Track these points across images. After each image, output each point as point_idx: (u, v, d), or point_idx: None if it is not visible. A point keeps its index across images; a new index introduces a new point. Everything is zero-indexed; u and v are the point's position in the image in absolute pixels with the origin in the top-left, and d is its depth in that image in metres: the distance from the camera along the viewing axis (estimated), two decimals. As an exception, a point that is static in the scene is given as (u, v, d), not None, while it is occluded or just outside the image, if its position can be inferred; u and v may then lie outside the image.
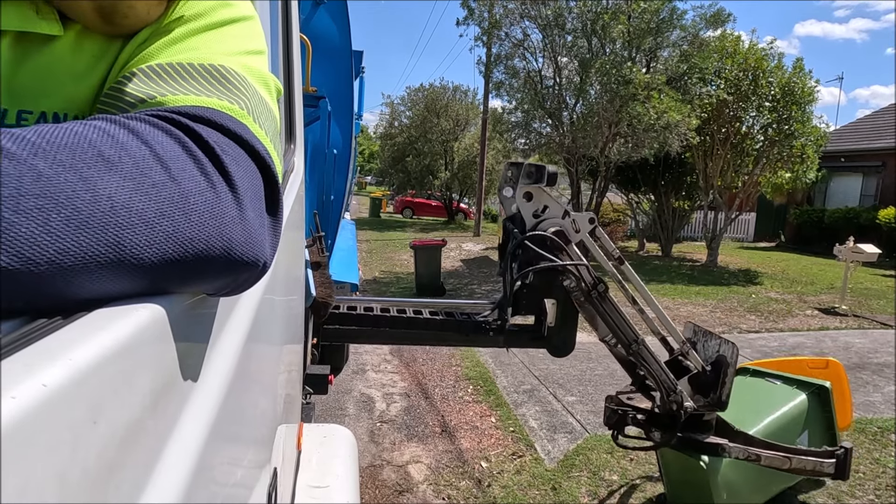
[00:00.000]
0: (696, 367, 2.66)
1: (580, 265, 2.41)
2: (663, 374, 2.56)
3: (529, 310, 2.53)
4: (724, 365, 2.63)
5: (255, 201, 0.46)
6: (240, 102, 0.50)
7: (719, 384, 2.62)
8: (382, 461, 4.01)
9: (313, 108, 3.36)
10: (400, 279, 11.17)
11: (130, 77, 0.50)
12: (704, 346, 2.76)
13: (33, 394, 0.24)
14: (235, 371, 0.54)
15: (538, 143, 12.79)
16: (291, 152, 1.34)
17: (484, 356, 6.31)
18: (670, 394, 2.55)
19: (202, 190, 0.41)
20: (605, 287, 2.46)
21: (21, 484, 0.22)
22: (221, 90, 0.50)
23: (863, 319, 8.38)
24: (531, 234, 2.36)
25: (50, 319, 0.32)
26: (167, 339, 0.39)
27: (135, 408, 0.33)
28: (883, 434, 4.46)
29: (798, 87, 11.52)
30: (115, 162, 0.37)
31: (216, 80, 0.51)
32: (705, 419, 2.70)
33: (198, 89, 0.49)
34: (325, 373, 2.45)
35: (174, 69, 0.51)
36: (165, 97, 0.48)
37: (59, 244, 0.32)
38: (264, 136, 0.51)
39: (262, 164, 0.48)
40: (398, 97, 33.45)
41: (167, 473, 0.37)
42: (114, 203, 0.36)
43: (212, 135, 0.44)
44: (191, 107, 0.46)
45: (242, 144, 0.47)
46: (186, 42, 0.55)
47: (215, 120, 0.46)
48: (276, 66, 1.13)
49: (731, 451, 2.65)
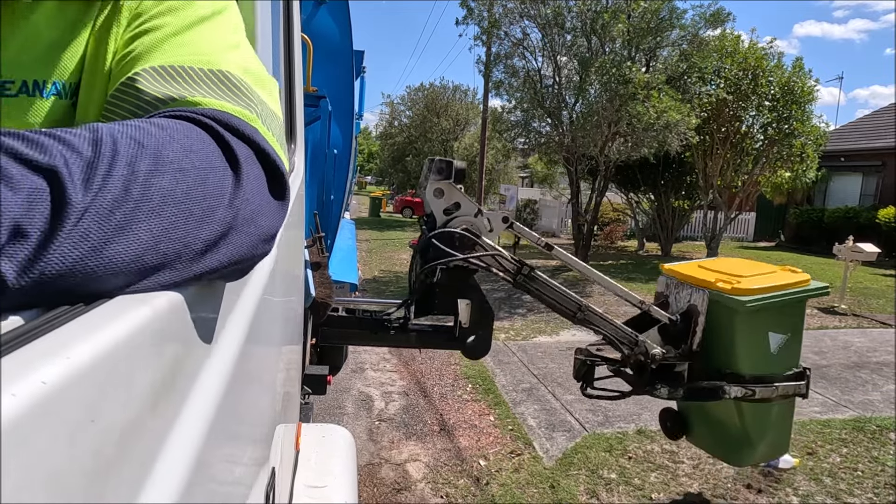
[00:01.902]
0: (663, 319, 2.64)
1: (497, 255, 2.37)
2: (619, 331, 2.55)
3: (443, 310, 2.46)
4: (694, 314, 2.61)
5: (264, 201, 0.52)
6: (251, 108, 0.54)
7: (690, 333, 2.59)
8: (381, 459, 4.01)
9: (314, 108, 3.36)
10: (399, 279, 11.17)
11: (144, 76, 0.53)
12: (676, 298, 2.73)
13: (32, 391, 0.24)
14: (234, 370, 0.54)
15: (538, 142, 12.78)
16: (292, 152, 1.34)
17: (483, 355, 6.32)
18: (633, 347, 2.54)
19: (229, 182, 0.46)
20: (529, 269, 2.42)
21: (20, 482, 0.23)
22: (231, 95, 0.54)
23: (862, 318, 8.38)
24: (438, 231, 2.32)
25: (50, 318, 0.32)
26: (166, 338, 0.40)
27: (133, 406, 0.33)
28: (882, 433, 4.47)
29: (798, 86, 11.52)
30: (189, 167, 0.42)
31: (225, 85, 0.54)
32: (677, 370, 2.66)
33: (215, 93, 0.53)
34: (324, 373, 2.45)
35: (185, 71, 0.53)
36: (195, 99, 0.51)
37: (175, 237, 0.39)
38: (272, 138, 0.55)
39: (272, 165, 0.52)
40: (398, 97, 33.45)
41: (165, 472, 0.37)
42: (193, 197, 0.41)
43: (231, 138, 0.48)
44: (217, 111, 0.50)
45: (253, 146, 0.51)
46: (183, 36, 0.57)
47: (233, 124, 0.49)
48: (276, 65, 1.13)
49: (730, 392, 2.61)
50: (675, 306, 2.74)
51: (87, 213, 0.34)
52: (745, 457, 2.96)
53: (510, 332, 7.39)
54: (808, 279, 2.76)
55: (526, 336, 7.20)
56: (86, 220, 0.34)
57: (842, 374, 5.86)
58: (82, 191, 0.34)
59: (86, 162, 0.35)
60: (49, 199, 0.32)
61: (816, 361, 6.29)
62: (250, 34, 0.83)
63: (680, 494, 3.62)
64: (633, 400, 5.04)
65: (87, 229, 0.34)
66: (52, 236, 0.32)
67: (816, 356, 6.48)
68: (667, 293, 2.81)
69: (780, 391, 2.68)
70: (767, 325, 2.66)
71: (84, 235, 0.34)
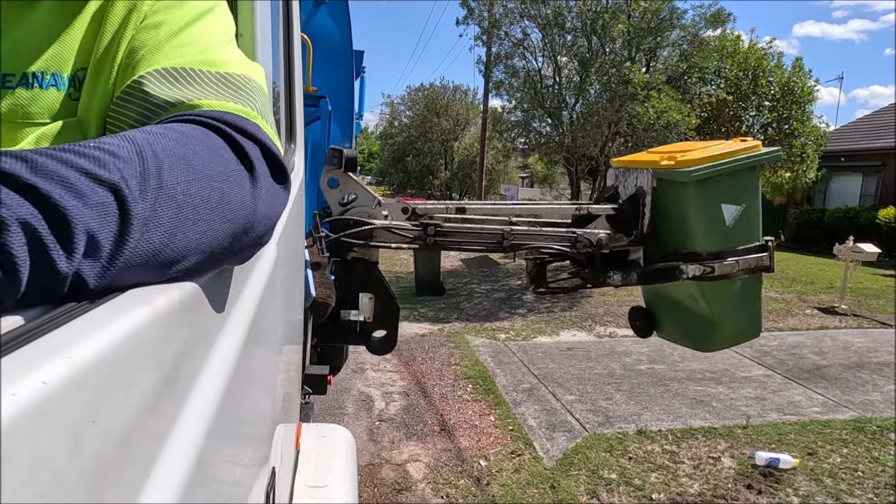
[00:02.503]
0: (605, 212, 2.56)
1: (391, 227, 2.28)
2: (553, 235, 2.47)
3: (352, 304, 2.40)
4: (640, 196, 2.52)
5: (270, 191, 0.56)
6: (250, 104, 0.57)
7: (639, 217, 2.51)
8: (381, 460, 4.01)
9: (314, 108, 3.36)
10: (400, 278, 11.18)
11: (150, 79, 0.56)
12: (625, 186, 2.64)
13: (33, 392, 0.24)
14: (234, 370, 0.54)
15: (538, 142, 12.78)
16: (292, 152, 1.34)
17: (483, 355, 6.32)
18: (575, 243, 2.48)
19: (246, 181, 0.50)
20: (434, 226, 2.33)
21: (20, 482, 0.22)
22: (232, 93, 0.57)
23: (862, 319, 8.38)
24: (330, 219, 2.26)
25: (50, 317, 0.32)
26: (167, 338, 0.40)
27: (134, 407, 0.33)
28: (882, 433, 4.47)
29: (798, 86, 11.52)
30: (205, 164, 0.46)
31: (226, 84, 0.58)
32: (632, 257, 2.58)
33: (218, 94, 0.56)
34: (325, 373, 2.45)
35: (188, 73, 0.56)
36: (201, 101, 0.55)
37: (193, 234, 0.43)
38: (272, 131, 0.58)
39: (274, 158, 0.56)
40: (398, 97, 33.45)
41: (166, 472, 0.37)
42: (214, 196, 0.46)
43: (241, 140, 0.52)
44: (223, 112, 0.54)
45: (258, 144, 0.54)
46: (182, 36, 0.60)
47: (240, 125, 0.53)
48: (276, 65, 1.13)
49: (687, 272, 2.51)
50: (624, 195, 2.63)
51: (147, 222, 0.38)
52: (713, 341, 2.81)
53: (510, 332, 7.39)
54: (759, 145, 2.61)
55: (526, 336, 7.20)
56: (147, 229, 0.39)
57: (842, 375, 5.86)
58: (140, 202, 0.38)
59: (138, 174, 0.39)
60: (116, 210, 0.36)
61: (817, 361, 6.29)
62: (250, 34, 0.83)
63: (680, 495, 3.62)
64: (633, 400, 5.07)
65: (149, 237, 0.39)
66: (121, 244, 0.37)
67: (817, 356, 6.48)
68: (616, 184, 2.70)
69: (741, 266, 2.53)
70: (719, 195, 2.52)
71: (147, 242, 0.39)
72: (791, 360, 6.31)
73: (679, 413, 4.83)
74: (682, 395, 5.24)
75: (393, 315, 2.44)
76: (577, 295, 9.52)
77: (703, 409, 4.90)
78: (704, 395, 5.23)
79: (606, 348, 6.73)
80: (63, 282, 0.33)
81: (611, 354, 6.48)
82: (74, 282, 0.34)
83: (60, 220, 0.32)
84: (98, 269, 0.35)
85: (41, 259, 0.32)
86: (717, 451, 4.16)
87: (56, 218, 0.32)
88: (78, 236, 0.33)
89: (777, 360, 6.33)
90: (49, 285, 0.33)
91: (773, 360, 6.29)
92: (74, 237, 0.33)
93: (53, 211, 0.32)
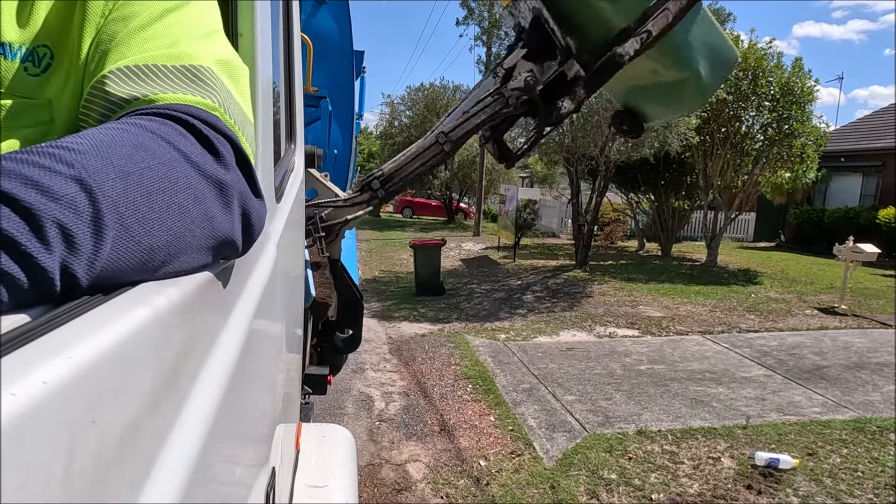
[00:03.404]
0: (519, 55, 2.50)
1: (347, 202, 2.34)
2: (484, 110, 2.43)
3: None
4: (538, 16, 2.42)
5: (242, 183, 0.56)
6: (212, 96, 0.56)
7: (550, 34, 2.43)
8: (381, 460, 4.01)
9: (314, 108, 3.37)
10: (400, 279, 11.18)
11: (112, 78, 0.54)
12: (523, 17, 2.54)
13: (33, 391, 0.24)
14: (234, 370, 0.54)
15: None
16: (292, 152, 1.34)
17: (483, 355, 6.32)
18: (507, 101, 2.41)
19: (217, 171, 0.50)
20: (377, 181, 2.39)
21: (20, 482, 0.22)
22: (195, 87, 0.56)
23: (862, 319, 8.38)
24: None
25: (50, 317, 0.32)
26: (167, 338, 0.40)
27: (134, 407, 0.33)
28: (882, 433, 4.47)
29: (797, 86, 11.51)
30: (163, 158, 0.45)
31: (189, 78, 0.56)
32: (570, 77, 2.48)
33: (178, 87, 0.54)
34: (324, 373, 2.45)
35: (151, 70, 0.55)
36: (157, 95, 0.53)
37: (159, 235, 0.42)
38: (233, 123, 0.57)
39: (236, 147, 0.55)
40: (398, 97, 33.39)
41: (166, 472, 0.37)
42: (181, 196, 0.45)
43: (203, 126, 0.52)
44: (181, 104, 0.53)
45: (219, 132, 0.54)
46: (152, 28, 0.58)
47: (196, 114, 0.52)
48: (276, 65, 1.13)
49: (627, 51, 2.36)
50: (527, 25, 2.53)
51: (121, 212, 0.39)
52: (699, 91, 2.69)
53: (510, 332, 7.39)
54: None
55: (526, 336, 7.20)
56: (122, 218, 0.39)
57: (842, 375, 5.85)
58: (109, 193, 0.39)
59: (100, 166, 0.39)
60: (86, 202, 0.37)
61: (817, 362, 6.29)
62: (250, 34, 0.83)
63: (680, 495, 3.62)
64: (633, 400, 5.07)
65: (127, 226, 0.39)
66: (100, 235, 0.37)
67: (817, 356, 6.48)
68: (516, 21, 2.61)
69: (672, 9, 2.38)
70: None
71: (126, 231, 0.39)
72: (791, 361, 6.31)
73: (679, 413, 4.83)
74: (682, 395, 5.24)
75: (357, 313, 2.42)
76: (577, 295, 9.53)
77: (702, 410, 4.90)
78: (704, 396, 5.23)
79: (606, 348, 6.73)
80: (51, 276, 0.33)
81: (611, 354, 6.48)
82: (65, 278, 0.34)
83: (25, 214, 0.33)
84: (85, 262, 0.36)
85: (17, 253, 0.32)
86: (717, 452, 4.16)
87: (21, 212, 0.33)
88: (48, 227, 0.33)
89: (777, 360, 6.33)
90: (37, 279, 0.33)
91: (773, 361, 6.29)
92: (44, 228, 0.33)
93: (15, 206, 0.32)
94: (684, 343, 7.00)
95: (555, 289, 10.07)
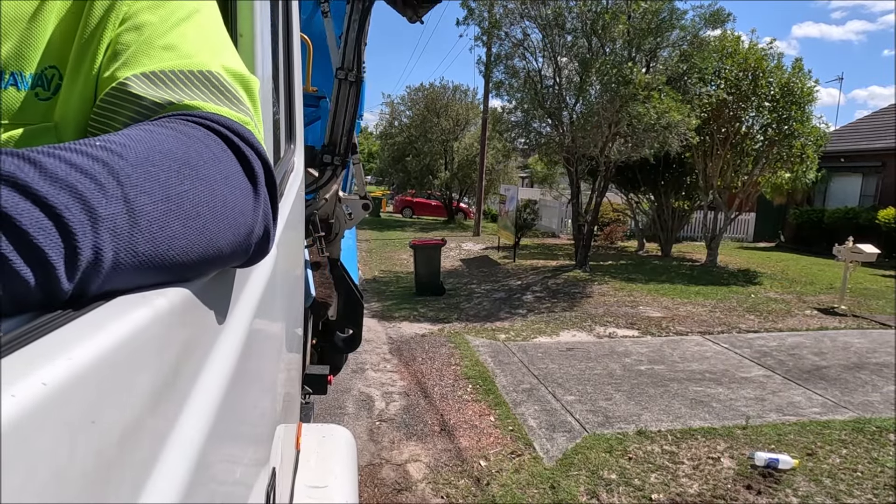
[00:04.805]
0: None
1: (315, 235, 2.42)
2: None
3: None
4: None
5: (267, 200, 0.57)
6: (242, 111, 0.56)
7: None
8: (381, 460, 4.01)
9: (314, 108, 3.37)
10: (399, 279, 11.18)
11: (135, 82, 0.53)
12: None
13: (33, 392, 0.24)
14: (235, 371, 0.54)
15: (538, 142, 12.77)
16: (291, 152, 1.34)
17: (483, 355, 6.32)
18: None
19: (247, 187, 0.51)
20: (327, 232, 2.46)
21: (20, 482, 0.22)
22: (226, 100, 0.55)
23: (862, 319, 8.38)
24: None
25: (50, 318, 0.32)
26: (167, 338, 0.40)
27: (134, 407, 0.33)
28: (882, 434, 4.47)
29: (797, 87, 11.52)
30: (200, 164, 0.45)
31: (217, 89, 0.56)
32: None
33: (210, 98, 0.54)
34: (325, 373, 2.45)
35: (175, 75, 0.54)
36: (193, 101, 0.53)
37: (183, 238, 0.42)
38: (262, 140, 0.58)
39: (267, 168, 0.55)
40: (398, 97, 33.42)
41: (166, 473, 0.37)
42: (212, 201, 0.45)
43: (240, 143, 0.52)
44: (221, 116, 0.52)
45: (258, 154, 0.54)
46: (167, 38, 0.57)
47: (238, 131, 0.52)
48: (276, 66, 1.13)
49: None
50: None
51: (147, 224, 0.39)
52: None
53: (510, 332, 7.39)
54: None
55: (526, 336, 7.20)
56: (150, 231, 0.39)
57: (842, 375, 5.86)
58: (142, 204, 0.39)
59: (135, 174, 0.39)
60: (125, 214, 0.38)
61: (816, 362, 6.29)
62: (250, 34, 0.83)
63: (679, 495, 3.62)
64: (633, 401, 5.07)
65: (153, 238, 0.39)
66: (131, 244, 0.38)
67: (816, 357, 6.48)
68: None
69: None
70: None
71: (151, 244, 0.39)
72: (790, 361, 6.31)
73: (679, 413, 4.83)
74: (682, 395, 5.24)
75: (357, 312, 2.44)
76: (577, 295, 9.53)
77: (702, 410, 4.90)
78: (704, 396, 5.23)
79: (606, 349, 6.73)
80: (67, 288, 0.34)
81: (611, 355, 6.48)
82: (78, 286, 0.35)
83: (65, 233, 0.33)
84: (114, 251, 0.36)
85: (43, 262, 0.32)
86: (717, 452, 4.16)
87: (62, 230, 0.33)
88: (83, 252, 0.34)
89: (777, 360, 6.33)
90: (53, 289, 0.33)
91: (773, 361, 6.29)
92: (79, 255, 0.34)
93: (58, 221, 0.33)
94: (684, 343, 7.00)
95: (555, 289, 10.07)
